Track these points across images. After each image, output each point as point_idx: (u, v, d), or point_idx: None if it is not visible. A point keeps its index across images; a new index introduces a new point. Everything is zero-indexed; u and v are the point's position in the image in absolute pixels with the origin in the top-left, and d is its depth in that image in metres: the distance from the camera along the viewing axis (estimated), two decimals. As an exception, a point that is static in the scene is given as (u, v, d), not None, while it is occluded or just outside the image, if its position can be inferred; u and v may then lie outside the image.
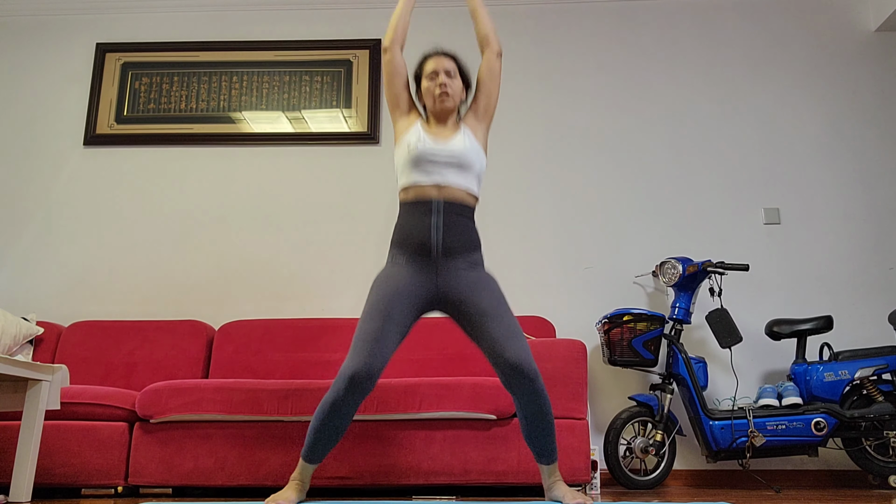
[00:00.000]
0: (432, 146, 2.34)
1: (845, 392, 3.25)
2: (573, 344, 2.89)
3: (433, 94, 2.42)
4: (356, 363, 2.14)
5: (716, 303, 3.64)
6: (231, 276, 3.85)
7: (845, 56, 4.04)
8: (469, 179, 2.37)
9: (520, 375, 2.17)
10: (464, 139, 2.38)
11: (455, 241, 2.30)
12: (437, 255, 2.29)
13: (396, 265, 2.31)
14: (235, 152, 4.04)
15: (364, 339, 2.18)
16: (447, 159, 2.34)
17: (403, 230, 2.33)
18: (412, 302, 2.26)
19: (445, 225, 2.30)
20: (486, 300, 2.26)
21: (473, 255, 2.33)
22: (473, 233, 2.36)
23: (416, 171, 2.34)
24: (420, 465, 2.75)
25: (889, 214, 3.82)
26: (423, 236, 2.29)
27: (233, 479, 2.77)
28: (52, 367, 2.53)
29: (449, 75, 2.43)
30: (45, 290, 3.85)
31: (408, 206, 2.35)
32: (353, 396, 2.15)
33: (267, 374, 3.41)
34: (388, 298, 2.23)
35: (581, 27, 4.15)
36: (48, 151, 4.06)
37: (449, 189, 2.33)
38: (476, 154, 2.39)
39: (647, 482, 3.22)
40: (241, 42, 4.17)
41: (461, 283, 2.28)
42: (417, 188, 2.34)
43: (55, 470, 2.77)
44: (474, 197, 2.39)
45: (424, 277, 2.29)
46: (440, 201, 2.31)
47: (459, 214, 2.33)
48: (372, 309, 2.23)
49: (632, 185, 3.91)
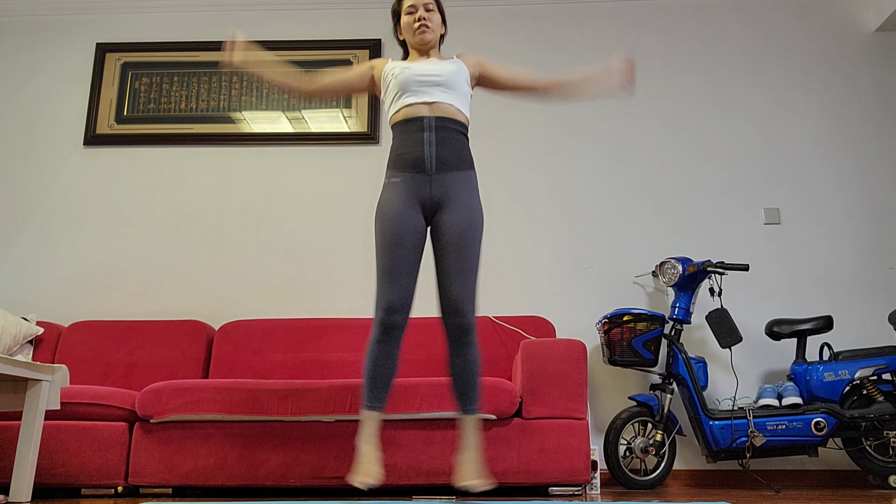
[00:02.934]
0: (417, 69, 2.41)
1: (845, 392, 3.25)
2: (573, 344, 2.89)
3: (413, 27, 2.48)
4: (386, 299, 2.23)
5: (716, 303, 3.63)
6: (231, 276, 3.85)
7: (845, 56, 4.04)
8: (457, 99, 2.41)
9: (452, 313, 2.27)
10: (450, 66, 2.44)
11: (448, 155, 2.35)
12: (430, 168, 2.34)
13: (392, 186, 2.36)
14: (235, 152, 4.04)
15: (385, 274, 2.26)
16: (433, 80, 2.40)
17: (397, 149, 2.39)
18: (415, 220, 2.33)
19: (438, 140, 2.35)
20: (460, 224, 2.31)
21: (467, 172, 2.38)
22: (466, 149, 2.41)
23: (405, 94, 2.40)
24: (420, 465, 2.75)
25: (889, 214, 3.82)
26: (416, 152, 2.34)
27: (233, 479, 2.77)
28: (52, 367, 2.53)
29: (427, 9, 2.50)
30: (45, 290, 3.85)
31: (399, 125, 2.40)
32: (393, 328, 2.24)
33: (267, 374, 3.41)
34: (394, 225, 2.29)
35: (581, 27, 4.15)
36: (48, 151, 4.06)
37: (439, 105, 2.38)
38: (463, 79, 2.44)
39: (647, 482, 3.22)
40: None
41: (452, 192, 2.33)
42: (408, 108, 2.39)
43: (55, 470, 2.77)
44: (465, 115, 2.44)
45: (420, 192, 2.34)
46: (431, 118, 2.36)
47: (451, 129, 2.37)
48: (383, 242, 2.29)
49: (632, 185, 3.91)
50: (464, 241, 2.30)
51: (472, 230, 2.32)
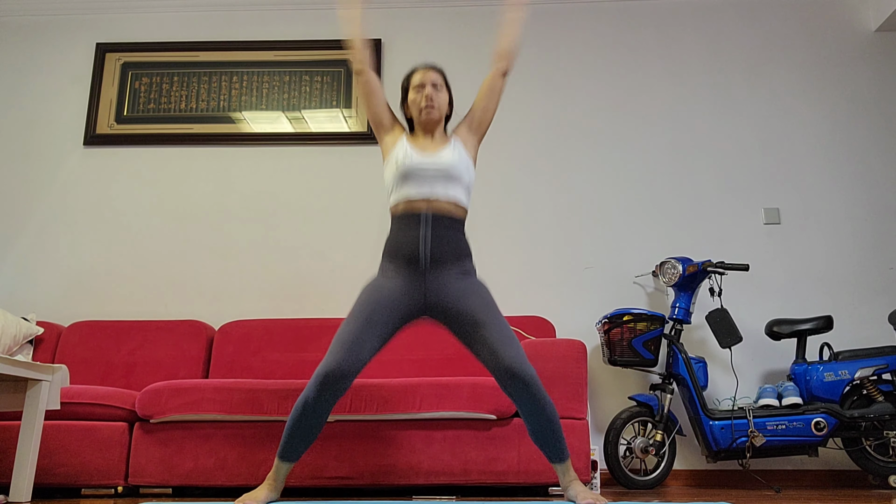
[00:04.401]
0: (420, 160, 2.38)
1: (845, 392, 3.25)
2: (573, 344, 2.89)
3: (419, 105, 2.45)
4: (330, 363, 2.18)
5: (716, 303, 3.63)
6: (231, 276, 3.85)
7: (845, 56, 4.04)
8: (458, 191, 2.39)
9: (517, 381, 2.20)
10: (453, 152, 2.41)
11: (443, 252, 2.33)
12: (425, 266, 2.32)
13: (386, 276, 2.35)
14: (235, 152, 4.04)
15: (342, 341, 2.22)
16: (435, 172, 2.37)
17: (393, 242, 2.37)
18: (397, 311, 2.30)
19: (434, 237, 2.33)
20: (476, 308, 2.28)
21: (463, 264, 2.36)
22: (462, 243, 2.38)
23: (405, 185, 2.37)
24: (420, 465, 2.75)
25: (889, 214, 3.82)
26: (411, 248, 2.32)
27: (233, 479, 2.77)
28: (52, 367, 2.54)
29: (435, 88, 2.46)
30: (45, 290, 3.85)
31: (397, 218, 2.39)
32: (326, 396, 2.18)
33: (267, 374, 3.41)
34: (373, 305, 2.28)
35: (581, 27, 4.15)
36: (48, 151, 4.06)
37: (437, 202, 2.36)
38: (465, 166, 2.41)
39: (647, 482, 3.22)
40: (241, 42, 4.17)
41: (450, 292, 2.31)
42: (407, 202, 2.37)
43: (55, 470, 2.77)
44: (463, 209, 2.42)
45: (412, 288, 2.32)
46: (429, 214, 2.34)
47: (448, 227, 2.36)
48: (355, 313, 2.27)
49: (632, 185, 3.91)
50: (488, 317, 2.27)
51: (489, 304, 2.31)
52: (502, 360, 2.20)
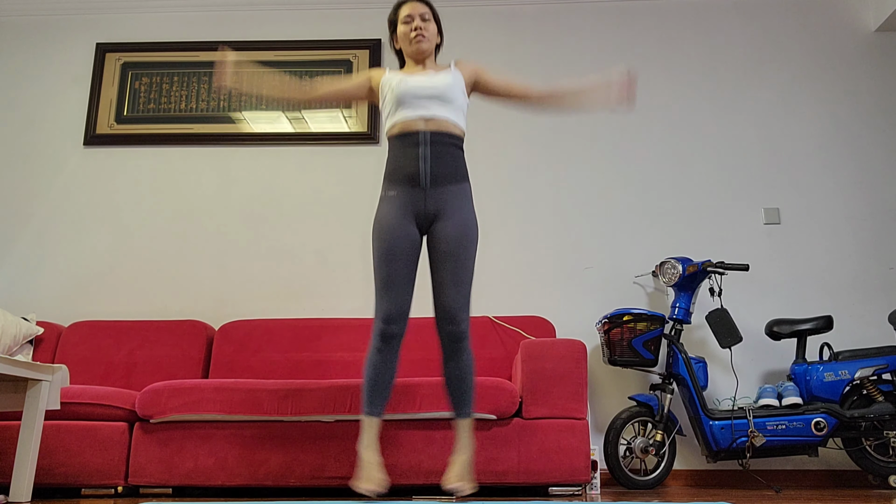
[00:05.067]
0: (414, 82, 2.43)
1: (845, 392, 3.25)
2: (573, 344, 2.89)
3: (409, 37, 2.50)
4: (385, 306, 2.30)
5: (716, 303, 3.63)
6: (231, 276, 3.85)
7: (845, 56, 4.04)
8: (454, 112, 2.44)
9: (446, 321, 2.33)
10: (447, 77, 2.46)
11: (443, 170, 2.38)
12: (426, 183, 2.37)
13: (388, 200, 2.41)
14: (235, 152, 4.04)
15: (383, 285, 2.32)
16: (430, 93, 2.42)
17: (393, 163, 2.42)
18: (410, 233, 2.38)
19: (433, 155, 2.38)
20: (455, 235, 2.36)
21: (461, 184, 2.42)
22: (461, 163, 2.44)
23: (402, 107, 2.42)
24: (420, 465, 2.75)
25: (889, 215, 3.82)
26: (411, 167, 2.38)
27: (233, 479, 2.77)
28: (52, 367, 2.54)
29: (423, 18, 2.52)
30: (45, 290, 3.85)
31: (395, 139, 2.43)
32: (392, 338, 2.30)
33: (267, 374, 3.41)
34: (390, 238, 2.35)
35: (581, 27, 4.15)
36: (48, 151, 4.06)
37: (435, 120, 2.41)
38: (459, 90, 2.47)
39: (647, 482, 3.22)
40: (241, 42, 4.17)
41: (446, 203, 2.38)
42: (404, 122, 2.42)
43: (55, 470, 2.77)
44: (460, 129, 2.46)
45: (415, 206, 2.38)
46: (427, 132, 2.39)
47: (447, 144, 2.40)
48: (380, 254, 2.35)
49: (632, 185, 3.91)
50: (458, 252, 2.35)
51: (467, 241, 2.37)
52: (444, 299, 2.33)
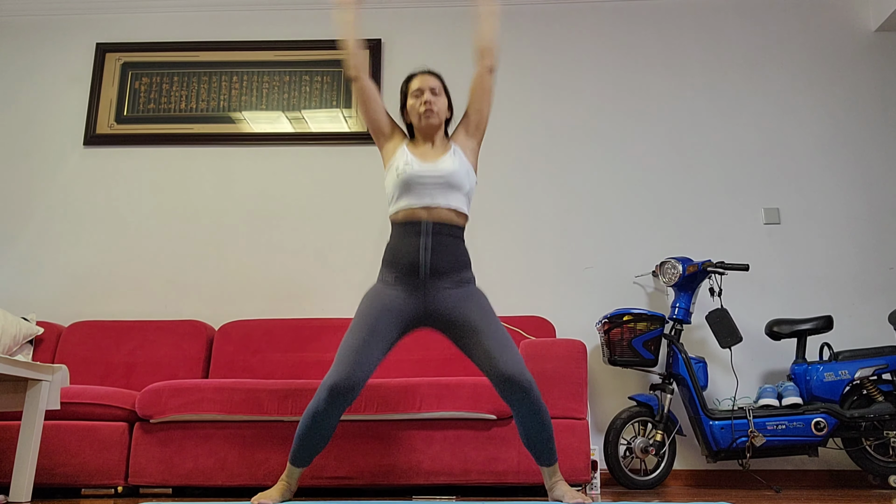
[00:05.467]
0: (420, 168, 2.36)
1: (845, 392, 3.25)
2: (573, 344, 2.89)
3: (418, 111, 2.43)
4: (338, 374, 2.20)
5: (716, 303, 3.63)
6: (231, 276, 3.85)
7: (845, 56, 4.04)
8: (458, 199, 2.39)
9: (515, 387, 2.21)
10: (453, 159, 2.40)
11: (443, 262, 2.33)
12: (425, 275, 2.32)
13: (386, 283, 2.36)
14: (235, 152, 4.04)
15: (347, 351, 2.24)
16: (436, 181, 2.36)
17: (393, 250, 2.37)
18: (399, 319, 2.31)
19: (434, 246, 2.33)
20: (474, 315, 2.29)
21: (462, 273, 2.36)
22: (462, 252, 2.38)
23: (406, 194, 2.37)
24: (420, 465, 2.75)
25: (889, 214, 3.82)
26: (412, 257, 2.32)
27: (233, 479, 2.77)
28: (52, 367, 2.54)
29: (434, 93, 2.44)
30: (45, 290, 3.85)
31: (398, 226, 2.38)
32: (334, 407, 2.21)
33: (267, 374, 3.41)
34: (375, 313, 2.29)
35: (581, 27, 4.15)
36: (48, 151, 4.06)
37: (438, 210, 2.35)
38: (465, 173, 2.40)
39: (647, 482, 3.22)
40: (241, 42, 4.17)
41: (449, 300, 2.32)
42: (407, 210, 2.37)
43: (55, 470, 2.77)
44: (464, 216, 2.41)
45: (412, 296, 2.33)
46: (429, 223, 2.34)
47: (448, 235, 2.35)
48: (358, 323, 2.29)
49: (632, 185, 3.91)
50: (486, 324, 2.28)
51: (487, 311, 2.31)
52: (500, 367, 2.22)
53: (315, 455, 2.31)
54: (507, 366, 2.21)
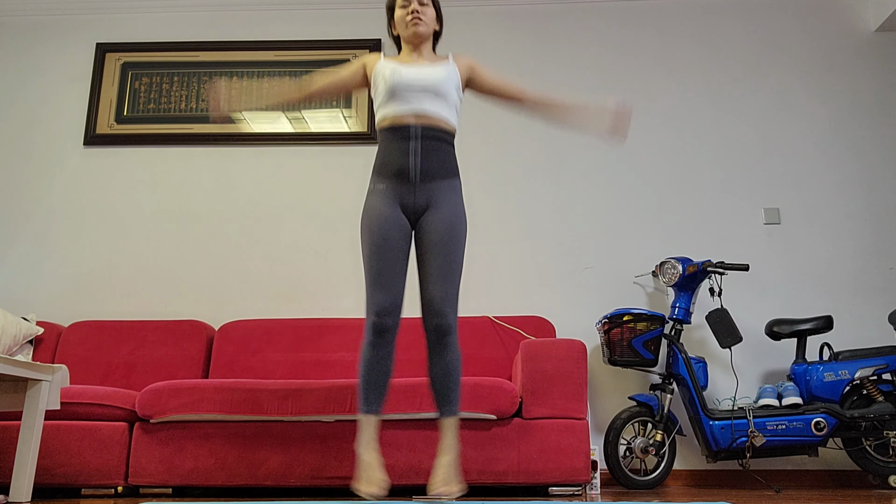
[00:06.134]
0: (408, 74, 2.39)
1: (845, 392, 3.25)
2: (573, 344, 2.89)
3: (406, 20, 2.47)
4: (376, 304, 2.25)
5: (716, 303, 3.63)
6: (231, 276, 3.85)
7: (845, 56, 4.04)
8: (445, 108, 2.41)
9: (432, 314, 2.28)
10: (444, 70, 2.42)
11: (433, 166, 2.36)
12: (415, 178, 2.35)
13: (377, 193, 2.38)
14: (235, 152, 4.04)
15: (374, 278, 2.28)
16: (423, 86, 2.38)
17: (382, 157, 2.39)
18: (400, 223, 2.35)
19: (423, 150, 2.35)
20: (443, 228, 2.33)
21: (451, 180, 2.39)
22: (451, 158, 2.41)
23: (394, 99, 2.39)
24: (420, 465, 2.75)
25: (889, 214, 3.82)
26: (401, 161, 2.35)
27: (233, 479, 2.77)
28: (52, 367, 2.54)
29: (421, 2, 2.48)
30: (45, 290, 3.85)
31: (386, 132, 2.40)
32: (385, 334, 2.25)
33: (267, 374, 3.41)
34: (381, 229, 2.32)
35: (581, 27, 4.15)
36: (48, 151, 4.06)
37: (426, 116, 2.38)
38: (454, 85, 2.43)
39: (647, 482, 3.22)
40: (241, 42, 4.17)
41: (436, 198, 2.35)
42: (395, 116, 2.39)
43: (55, 470, 2.77)
44: (452, 126, 2.44)
45: (403, 200, 2.36)
46: (417, 127, 2.36)
47: (437, 139, 2.38)
48: (369, 247, 2.32)
49: (632, 185, 3.91)
50: (447, 245, 2.32)
51: (455, 234, 2.34)
52: (431, 291, 2.29)
53: (384, 394, 2.27)
54: (438, 294, 2.28)
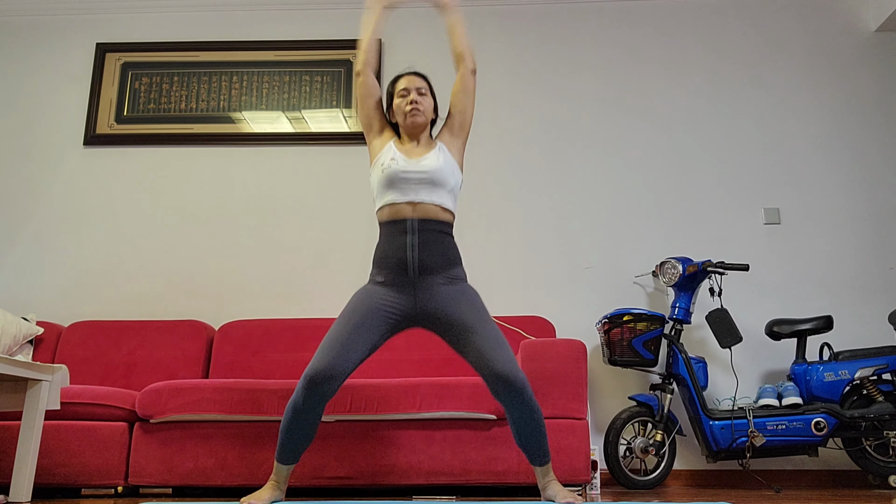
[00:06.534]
0: (405, 165, 2.37)
1: (845, 392, 3.25)
2: (573, 344, 2.89)
3: (404, 110, 2.46)
4: (317, 365, 2.19)
5: (716, 303, 3.63)
6: (231, 276, 3.85)
7: (845, 56, 4.04)
8: (443, 196, 2.39)
9: (508, 386, 2.20)
10: (437, 156, 2.41)
11: (432, 259, 2.32)
12: (414, 273, 2.31)
13: (376, 284, 2.35)
14: (235, 152, 4.04)
15: (330, 343, 2.22)
16: (420, 177, 2.36)
17: (381, 250, 2.37)
18: (387, 318, 2.30)
19: (421, 243, 2.32)
20: (466, 313, 2.28)
21: (452, 270, 2.35)
22: (451, 248, 2.38)
23: (391, 190, 2.37)
24: (420, 465, 2.75)
25: (889, 214, 3.82)
26: (399, 255, 2.32)
27: (233, 479, 2.77)
28: (52, 367, 2.54)
29: (420, 93, 2.48)
30: (45, 290, 3.85)
31: (384, 225, 2.39)
32: (314, 399, 2.19)
33: (267, 374, 3.41)
34: (363, 311, 2.28)
35: (581, 27, 4.15)
36: (48, 151, 4.06)
37: (423, 206, 2.35)
38: (450, 171, 2.41)
39: (647, 482, 3.22)
40: (241, 42, 4.17)
41: (440, 298, 2.31)
42: (392, 207, 2.37)
43: (55, 470, 2.77)
44: (450, 213, 2.41)
45: (403, 295, 2.32)
46: (415, 220, 2.34)
47: (435, 231, 2.35)
48: (344, 317, 2.28)
49: (632, 185, 3.91)
50: (479, 322, 2.27)
51: (479, 309, 2.31)
52: (493, 366, 2.20)
53: (300, 451, 2.27)
54: (501, 365, 2.20)
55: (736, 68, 4.05)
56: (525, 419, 2.24)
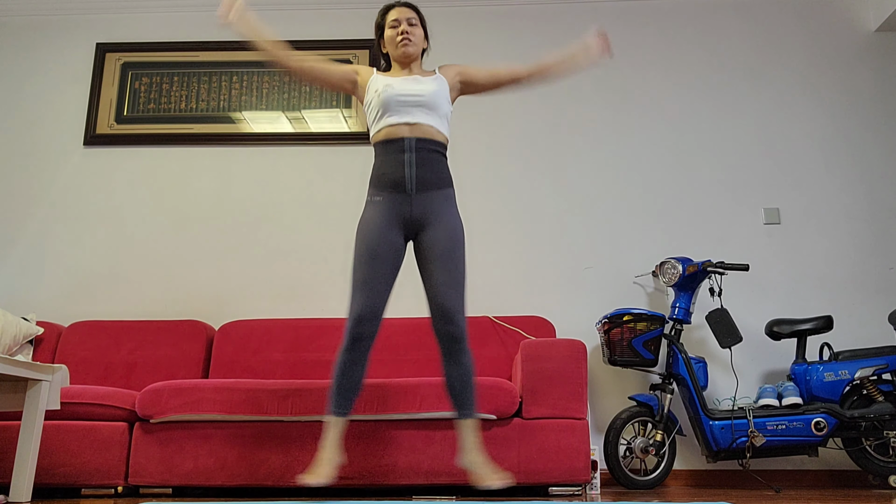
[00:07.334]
0: (400, 88, 2.45)
1: (845, 392, 3.25)
2: (573, 344, 2.89)
3: (395, 41, 2.54)
4: (357, 308, 2.31)
5: (716, 303, 3.63)
6: (231, 276, 3.85)
7: (845, 56, 4.04)
8: (437, 119, 2.47)
9: (447, 323, 2.33)
10: (434, 83, 2.49)
11: (428, 175, 2.41)
12: (411, 189, 2.40)
13: (374, 204, 2.43)
14: (235, 152, 4.04)
15: (360, 285, 2.34)
16: (417, 100, 2.45)
17: (379, 168, 2.45)
18: (394, 237, 2.39)
19: (418, 161, 2.41)
20: (444, 239, 2.39)
21: (446, 190, 2.45)
22: (446, 169, 2.47)
23: (387, 114, 2.45)
24: (420, 465, 2.75)
25: (889, 214, 3.82)
26: (397, 173, 2.40)
27: (233, 479, 2.77)
28: (52, 367, 2.54)
29: (410, 23, 2.56)
30: (45, 290, 3.85)
31: (381, 145, 2.46)
32: (361, 341, 2.31)
33: (267, 374, 3.41)
34: (372, 240, 2.37)
35: (581, 27, 4.15)
36: (48, 151, 4.06)
37: (420, 126, 2.44)
38: (444, 98, 2.50)
39: (647, 482, 3.22)
40: (241, 42, 4.17)
41: (432, 210, 2.40)
42: (389, 128, 2.44)
43: (55, 470, 2.77)
44: (445, 136, 2.49)
45: (400, 211, 2.40)
46: (412, 139, 2.42)
47: (431, 150, 2.43)
48: (360, 255, 2.37)
49: (632, 185, 3.91)
50: (450, 255, 2.38)
51: (457, 244, 2.40)
52: (441, 300, 2.33)
53: (354, 400, 2.35)
54: (448, 302, 2.33)
55: (736, 68, 4.05)
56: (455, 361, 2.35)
